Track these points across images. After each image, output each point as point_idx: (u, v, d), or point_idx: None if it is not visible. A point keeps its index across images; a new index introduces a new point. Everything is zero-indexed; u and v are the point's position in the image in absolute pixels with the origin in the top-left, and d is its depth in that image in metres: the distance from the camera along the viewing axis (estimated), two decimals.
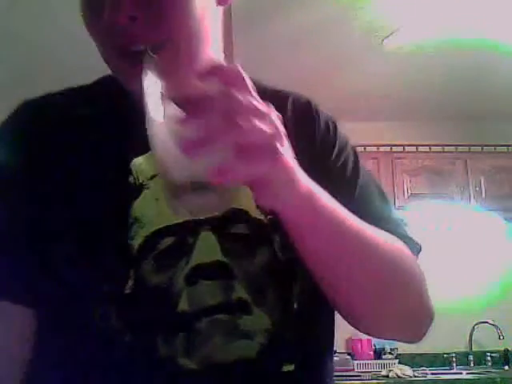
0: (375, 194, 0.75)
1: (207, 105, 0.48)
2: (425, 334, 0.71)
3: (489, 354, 3.53)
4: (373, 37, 2.87)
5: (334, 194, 0.60)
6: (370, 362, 3.38)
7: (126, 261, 0.62)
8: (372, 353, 3.45)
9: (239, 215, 0.64)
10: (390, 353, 3.41)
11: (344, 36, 2.85)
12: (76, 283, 0.62)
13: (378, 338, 0.76)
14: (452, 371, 3.37)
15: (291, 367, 0.63)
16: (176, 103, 0.51)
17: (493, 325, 3.44)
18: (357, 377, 3.13)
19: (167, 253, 0.62)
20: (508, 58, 3.08)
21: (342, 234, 0.60)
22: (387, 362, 3.33)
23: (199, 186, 0.49)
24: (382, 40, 2.89)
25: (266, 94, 0.55)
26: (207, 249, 0.63)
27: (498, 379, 2.94)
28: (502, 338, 3.41)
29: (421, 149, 3.57)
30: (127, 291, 0.61)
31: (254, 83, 0.51)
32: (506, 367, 3.47)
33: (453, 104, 3.58)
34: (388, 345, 3.42)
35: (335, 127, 0.76)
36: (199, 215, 0.59)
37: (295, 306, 0.65)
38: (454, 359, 3.48)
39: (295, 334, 0.64)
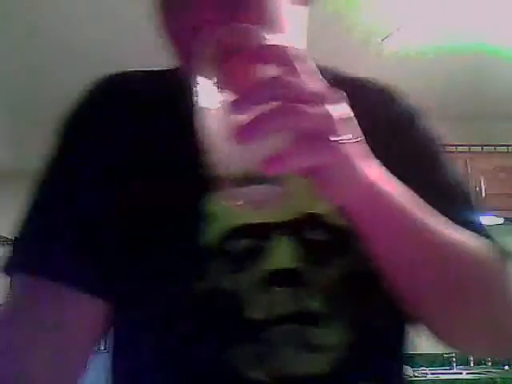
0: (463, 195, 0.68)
1: (263, 90, 0.44)
2: None
3: None
4: (372, 38, 2.87)
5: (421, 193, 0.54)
6: None
7: (197, 258, 0.58)
8: None
9: (316, 220, 0.60)
10: None
11: (342, 38, 2.85)
12: (146, 277, 0.59)
13: (467, 353, 0.68)
14: (452, 371, 3.37)
15: None
16: (231, 91, 0.46)
17: None
18: None
19: (240, 255, 0.58)
20: (508, 58, 3.08)
21: (417, 233, 0.54)
22: None
23: (256, 177, 0.45)
24: (382, 40, 2.89)
25: (338, 80, 0.52)
26: (282, 255, 0.58)
27: (498, 379, 2.94)
28: None
29: None
30: (199, 292, 0.57)
31: (325, 69, 0.47)
32: (506, 367, 3.47)
33: (453, 104, 3.58)
34: None
35: (415, 117, 0.70)
36: (259, 209, 0.52)
37: (371, 321, 0.60)
38: (454, 359, 3.48)
39: (369, 351, 0.60)
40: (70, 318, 0.59)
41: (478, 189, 3.48)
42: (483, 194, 3.48)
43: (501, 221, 3.49)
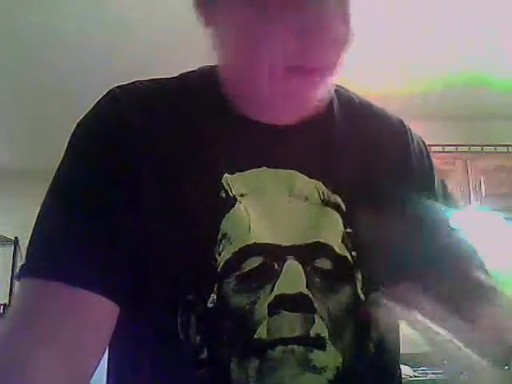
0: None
1: None
2: None
3: None
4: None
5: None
6: None
7: (211, 274, 0.60)
8: None
9: (324, 249, 0.63)
10: None
11: None
12: (162, 287, 0.60)
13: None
14: None
15: None
16: None
17: None
18: None
19: (252, 274, 0.60)
20: (508, 58, 3.08)
21: None
22: None
23: None
24: None
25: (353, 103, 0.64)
26: (292, 279, 0.61)
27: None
28: None
29: None
30: (210, 305, 0.59)
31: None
32: (506, 367, 3.46)
33: (453, 104, 3.58)
34: None
35: (426, 149, 0.78)
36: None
37: (371, 347, 0.63)
38: None
39: (366, 375, 0.63)
40: (84, 320, 0.58)
41: (477, 189, 3.48)
42: (483, 194, 3.48)
43: None
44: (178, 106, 0.67)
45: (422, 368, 3.30)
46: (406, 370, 3.07)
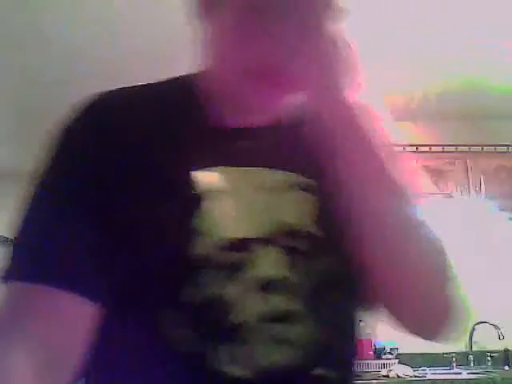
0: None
1: None
2: (456, 333, 0.72)
3: (489, 354, 3.53)
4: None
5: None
6: (370, 361, 3.37)
7: (187, 268, 0.62)
8: (372, 353, 3.45)
9: (296, 231, 0.67)
10: (389, 353, 3.41)
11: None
12: (140, 284, 0.62)
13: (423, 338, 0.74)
14: (452, 371, 3.37)
15: (324, 371, 0.66)
16: None
17: (493, 325, 3.43)
18: (357, 377, 3.12)
19: (227, 264, 0.63)
20: (508, 58, 3.08)
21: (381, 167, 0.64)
22: (387, 361, 3.33)
23: None
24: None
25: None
26: (267, 262, 0.64)
27: (498, 379, 2.94)
28: (502, 338, 3.41)
29: (421, 149, 3.57)
30: (186, 298, 0.62)
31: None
32: (506, 367, 3.47)
33: (453, 104, 3.58)
34: (388, 345, 3.42)
35: None
36: None
37: (342, 320, 0.69)
38: (454, 359, 3.48)
39: (337, 344, 0.68)
40: (68, 322, 0.60)
41: (477, 189, 3.48)
42: (483, 194, 3.48)
43: None
44: (153, 111, 0.70)
45: (422, 368, 3.30)
46: (406, 370, 3.07)
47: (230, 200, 0.66)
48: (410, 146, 3.56)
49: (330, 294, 0.67)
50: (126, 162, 0.66)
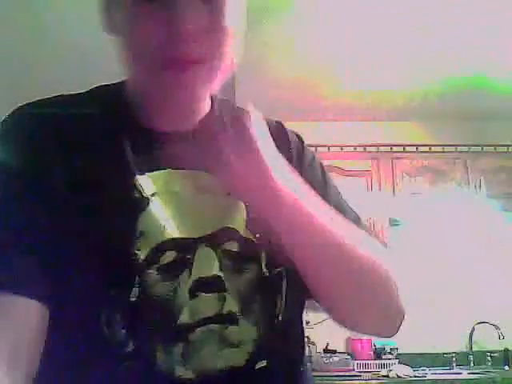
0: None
1: None
2: (397, 329, 0.78)
3: (489, 353, 3.53)
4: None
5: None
6: (369, 361, 3.37)
7: (132, 269, 0.65)
8: (372, 353, 3.45)
9: (231, 234, 0.70)
10: (389, 353, 3.41)
11: (344, 35, 2.86)
12: (84, 285, 0.63)
13: (356, 331, 0.80)
14: (452, 371, 3.37)
15: (265, 363, 0.68)
16: None
17: (493, 325, 3.44)
18: (357, 377, 3.13)
19: (170, 265, 0.66)
20: (508, 58, 3.08)
21: (322, 233, 0.67)
22: (387, 361, 3.33)
23: None
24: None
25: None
26: (205, 263, 0.67)
27: (498, 379, 2.94)
28: (502, 337, 3.42)
29: (421, 149, 3.57)
30: (132, 299, 0.64)
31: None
32: (506, 367, 3.47)
33: (453, 104, 3.58)
34: (388, 345, 3.42)
35: (303, 143, 0.85)
36: None
37: (280, 318, 0.71)
38: (454, 359, 3.48)
39: (278, 342, 0.70)
40: (19, 324, 0.60)
41: (477, 189, 3.48)
42: (483, 194, 3.48)
43: None
44: (89, 119, 0.71)
45: (422, 368, 3.30)
46: (406, 370, 3.08)
47: (173, 202, 0.69)
48: (410, 145, 3.57)
49: (265, 294, 0.70)
50: (66, 168, 0.67)
